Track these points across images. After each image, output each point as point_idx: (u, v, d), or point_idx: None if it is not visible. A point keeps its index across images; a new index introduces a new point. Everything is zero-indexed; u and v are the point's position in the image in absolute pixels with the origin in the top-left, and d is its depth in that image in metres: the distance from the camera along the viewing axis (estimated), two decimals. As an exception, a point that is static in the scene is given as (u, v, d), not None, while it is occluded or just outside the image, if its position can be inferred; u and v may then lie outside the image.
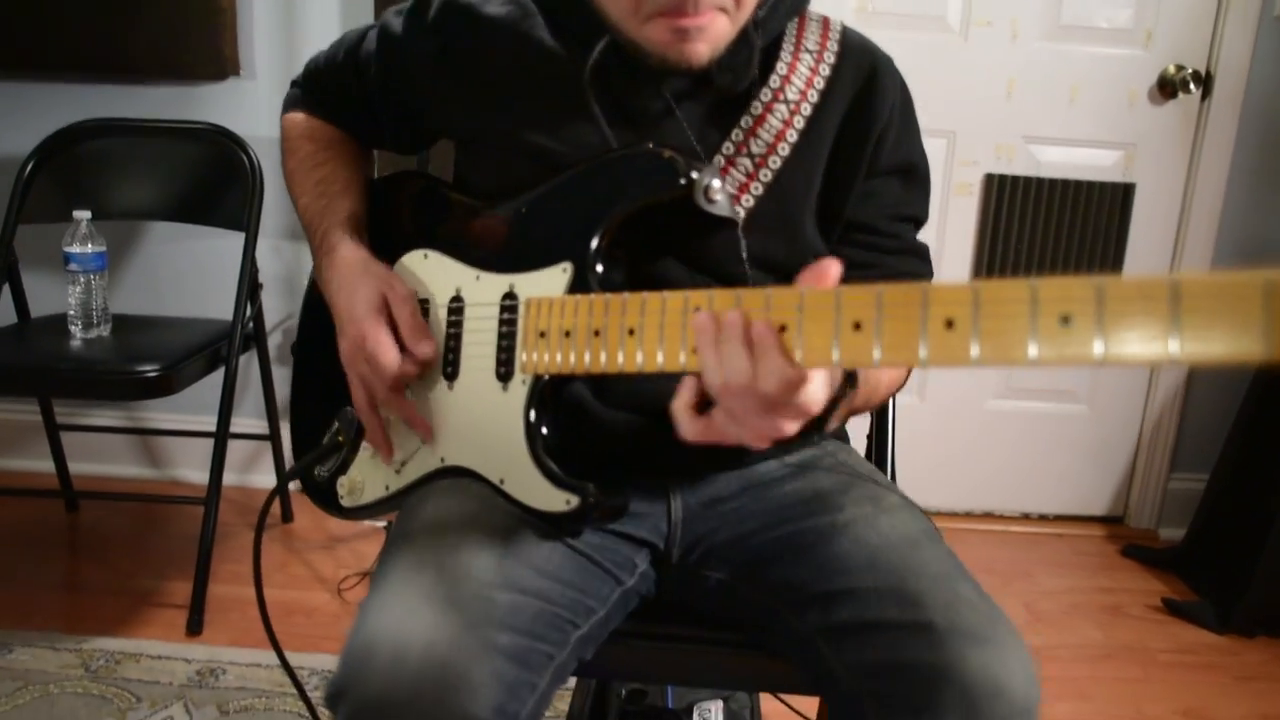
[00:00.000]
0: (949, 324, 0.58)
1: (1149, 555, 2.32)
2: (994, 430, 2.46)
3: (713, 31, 0.84)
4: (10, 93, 2.26)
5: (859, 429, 1.14)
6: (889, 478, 1.15)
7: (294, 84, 1.14)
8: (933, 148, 2.26)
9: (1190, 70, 2.21)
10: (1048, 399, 2.44)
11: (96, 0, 2.15)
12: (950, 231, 2.34)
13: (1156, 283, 0.51)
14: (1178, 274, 0.51)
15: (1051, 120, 2.28)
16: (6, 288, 2.02)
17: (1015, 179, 2.29)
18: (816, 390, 0.67)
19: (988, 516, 2.51)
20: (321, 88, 1.10)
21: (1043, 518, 2.51)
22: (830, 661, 0.83)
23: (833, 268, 0.65)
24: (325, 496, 1.00)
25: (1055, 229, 2.31)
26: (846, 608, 0.82)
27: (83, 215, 1.87)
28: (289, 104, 1.13)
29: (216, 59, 2.18)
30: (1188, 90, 2.22)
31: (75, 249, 1.86)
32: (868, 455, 1.22)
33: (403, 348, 0.89)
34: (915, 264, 1.00)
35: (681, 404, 0.71)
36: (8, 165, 2.09)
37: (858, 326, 0.62)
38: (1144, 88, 2.26)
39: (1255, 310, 0.48)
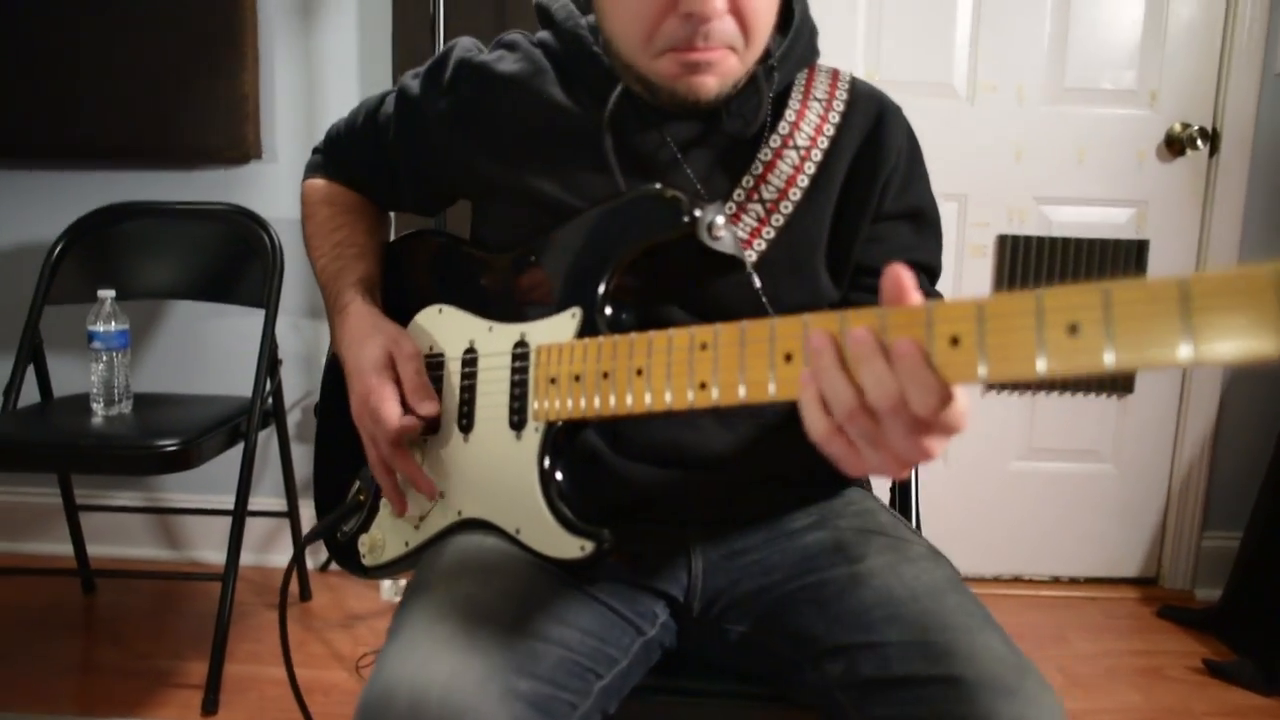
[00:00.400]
0: (954, 341, 0.58)
1: (1186, 616, 2.25)
2: (1018, 492, 2.42)
3: (722, 67, 0.86)
4: (42, 181, 2.33)
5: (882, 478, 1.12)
6: (913, 526, 1.13)
7: (315, 150, 1.17)
8: (945, 211, 2.27)
9: (1197, 128, 2.23)
10: (1071, 459, 2.41)
11: (125, 90, 2.22)
12: (966, 293, 2.34)
13: (1165, 284, 0.50)
14: (1187, 274, 0.50)
15: (1062, 180, 2.30)
16: (31, 368, 2.04)
17: (1028, 239, 2.30)
18: (963, 403, 0.60)
19: (1017, 581, 2.45)
20: (341, 153, 1.13)
21: (1074, 580, 2.45)
22: (854, 716, 0.80)
23: (911, 294, 0.60)
24: (348, 556, 1.00)
25: (1071, 287, 2.31)
26: (870, 662, 0.80)
27: (107, 295, 1.90)
28: (310, 170, 1.15)
29: (240, 144, 2.24)
30: (1195, 147, 2.23)
31: (99, 327, 1.89)
32: (891, 504, 1.20)
33: (407, 405, 0.89)
34: None
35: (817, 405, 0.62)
36: (37, 250, 2.14)
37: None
38: (1152, 146, 2.28)
39: (1269, 304, 0.46)
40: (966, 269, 2.33)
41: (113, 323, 1.90)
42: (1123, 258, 2.30)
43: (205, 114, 2.23)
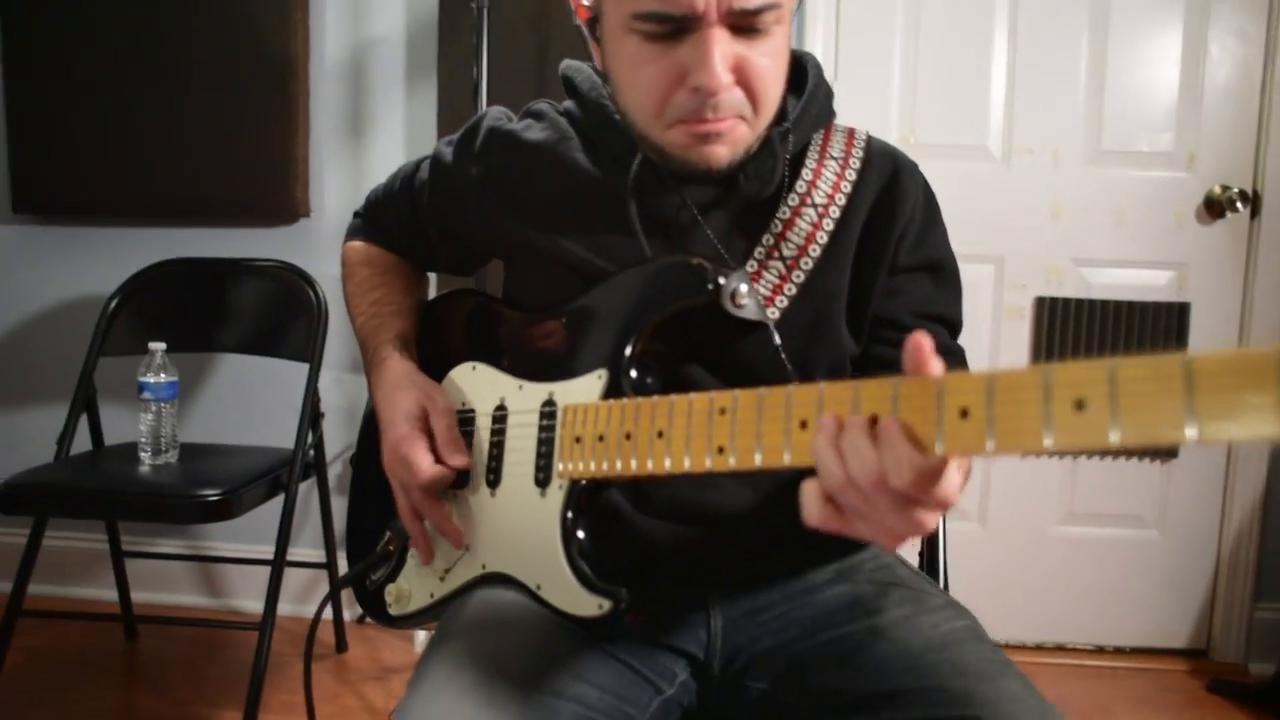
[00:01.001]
0: (964, 413, 0.58)
1: (1238, 691, 2.18)
2: (1060, 558, 2.37)
3: (732, 136, 0.88)
4: (103, 236, 2.43)
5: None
6: (939, 583, 1.12)
7: (356, 214, 1.22)
8: (981, 272, 2.32)
9: (1236, 190, 2.22)
10: (1113, 524, 2.36)
11: (183, 151, 2.32)
12: (1004, 355, 2.32)
13: (1169, 362, 0.50)
14: (1192, 354, 0.50)
15: (1100, 242, 2.29)
16: (84, 416, 2.11)
17: (1067, 301, 2.29)
18: (954, 477, 0.61)
19: (1060, 649, 2.39)
20: (380, 216, 1.17)
21: (1119, 651, 2.38)
22: None
23: (930, 364, 0.61)
24: (375, 605, 1.02)
25: (1111, 350, 2.29)
26: (890, 711, 0.80)
27: (158, 347, 1.97)
28: (350, 233, 1.20)
29: (289, 203, 2.32)
30: (1235, 209, 2.22)
31: (149, 379, 1.95)
32: (920, 564, 1.19)
33: (438, 457, 0.92)
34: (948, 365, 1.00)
35: (813, 487, 0.65)
36: (95, 302, 2.22)
37: (874, 421, 0.62)
38: (1191, 208, 2.27)
39: (1271, 387, 0.47)
40: (1004, 331, 2.32)
41: (162, 374, 1.96)
42: (1163, 320, 2.28)
43: (257, 174, 2.31)
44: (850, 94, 2.21)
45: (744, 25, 0.83)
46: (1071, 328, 2.29)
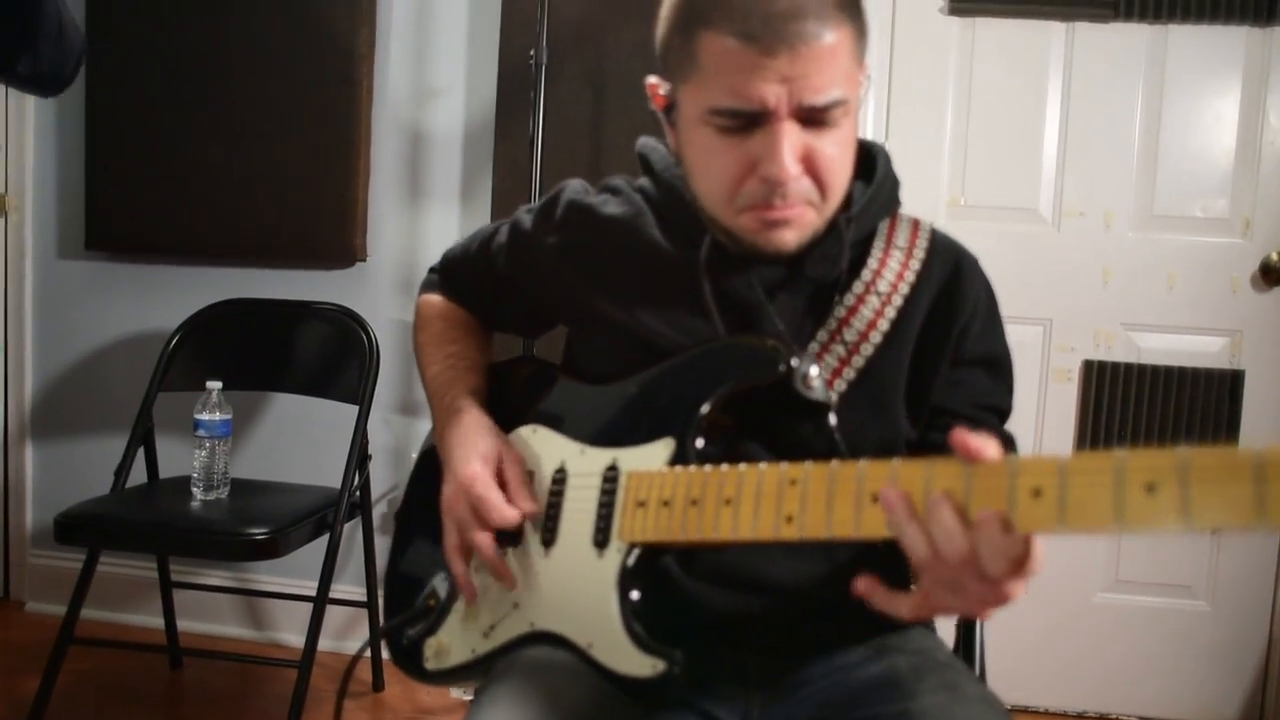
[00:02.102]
0: (1036, 493, 0.61)
1: (1290, 771, 2.12)
2: (1104, 626, 2.33)
3: (800, 222, 0.91)
4: (167, 274, 2.50)
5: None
6: (977, 669, 1.12)
7: (432, 270, 1.26)
8: (1030, 334, 2.31)
9: (1293, 258, 2.20)
10: (1160, 593, 2.32)
11: (246, 194, 2.39)
12: (1049, 419, 2.30)
13: (1242, 455, 0.53)
14: (1265, 449, 0.52)
15: (1151, 307, 2.28)
16: (141, 450, 2.16)
17: (1115, 365, 2.27)
18: (1040, 547, 0.66)
19: (1102, 719, 2.34)
20: (456, 274, 1.21)
21: (1166, 723, 2.33)
22: None
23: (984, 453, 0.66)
24: (410, 659, 1.03)
25: (1161, 416, 2.27)
26: None
27: (214, 385, 2.02)
28: (426, 286, 1.24)
29: (347, 247, 2.38)
30: (1292, 278, 2.20)
31: (204, 416, 2.00)
32: (955, 646, 1.18)
33: (509, 501, 0.94)
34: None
35: (879, 589, 0.71)
36: (157, 338, 2.29)
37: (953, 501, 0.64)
38: (1246, 274, 2.25)
39: None
40: (1051, 394, 2.30)
41: (217, 412, 2.01)
42: (1215, 388, 2.25)
43: (318, 219, 2.38)
44: (901, 153, 2.17)
45: (813, 119, 0.87)
46: (1120, 392, 2.27)
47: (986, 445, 0.66)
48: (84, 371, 2.57)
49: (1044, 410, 2.30)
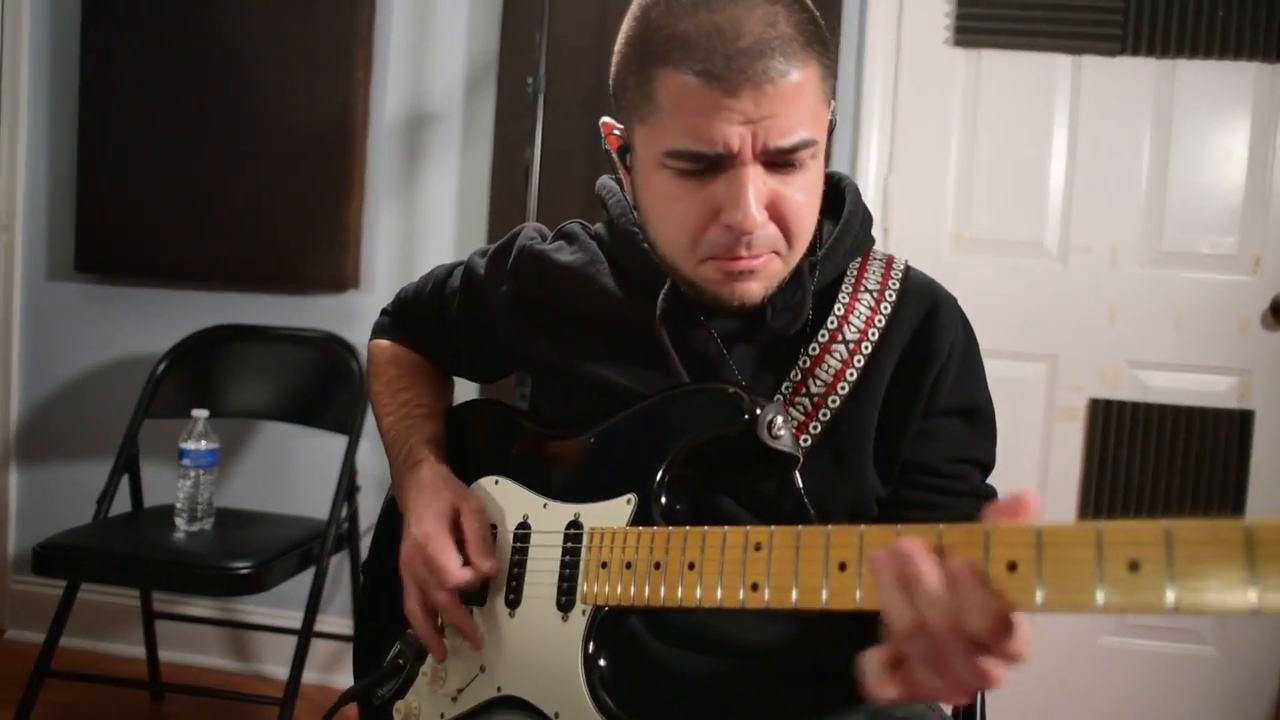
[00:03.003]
0: (1011, 566, 0.57)
1: (1301, 828, 2.05)
2: (1110, 670, 2.27)
3: (766, 272, 0.86)
4: (155, 297, 2.48)
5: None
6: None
7: (384, 312, 1.22)
8: (1033, 372, 2.26)
9: (1304, 296, 2.15)
10: (1167, 638, 2.25)
11: (237, 218, 2.37)
12: (1054, 458, 2.24)
13: (1228, 527, 0.49)
14: (1253, 520, 0.48)
15: (1158, 345, 2.23)
16: (126, 477, 2.12)
17: (1122, 404, 2.22)
18: (1027, 629, 0.60)
19: (1108, 768, 2.28)
20: (409, 317, 1.17)
21: (1172, 773, 2.26)
22: None
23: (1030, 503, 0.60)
24: None
25: (1169, 456, 2.21)
26: None
27: (200, 414, 1.98)
28: (377, 330, 1.20)
29: (339, 273, 2.35)
30: (1303, 317, 2.15)
31: (190, 445, 1.96)
32: (955, 712, 1.13)
33: (467, 560, 0.90)
34: (980, 509, 0.96)
35: (876, 660, 0.63)
36: (144, 361, 2.26)
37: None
38: (1255, 313, 2.20)
39: None
40: (1056, 432, 2.25)
41: (203, 442, 1.97)
42: (1224, 427, 2.20)
43: (311, 244, 2.35)
44: (906, 186, 2.20)
45: (779, 162, 0.82)
46: (1127, 430, 2.22)
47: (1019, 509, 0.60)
48: (70, 395, 2.54)
49: (1049, 448, 2.24)
